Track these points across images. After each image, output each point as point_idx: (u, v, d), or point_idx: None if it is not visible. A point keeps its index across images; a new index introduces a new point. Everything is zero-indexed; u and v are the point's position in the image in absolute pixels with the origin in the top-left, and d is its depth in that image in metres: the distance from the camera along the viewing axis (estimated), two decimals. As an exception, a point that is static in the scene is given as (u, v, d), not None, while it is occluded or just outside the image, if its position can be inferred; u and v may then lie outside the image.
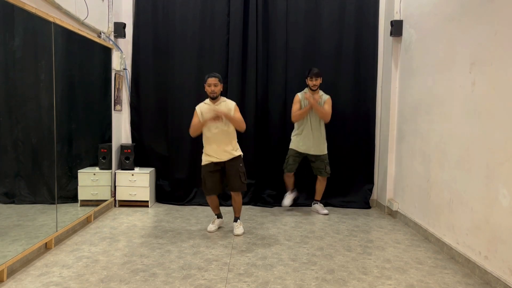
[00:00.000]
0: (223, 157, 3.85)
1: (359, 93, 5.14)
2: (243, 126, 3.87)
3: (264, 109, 5.16)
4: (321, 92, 4.70)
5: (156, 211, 4.79)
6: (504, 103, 2.77)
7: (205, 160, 3.90)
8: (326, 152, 4.77)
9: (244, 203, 5.14)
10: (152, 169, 5.06)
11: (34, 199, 3.28)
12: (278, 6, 5.06)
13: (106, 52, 4.58)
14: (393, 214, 4.72)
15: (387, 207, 4.84)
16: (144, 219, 4.41)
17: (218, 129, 3.81)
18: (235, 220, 4.07)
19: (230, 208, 4.98)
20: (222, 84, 3.88)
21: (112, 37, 4.78)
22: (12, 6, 2.85)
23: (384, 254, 3.47)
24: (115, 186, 4.86)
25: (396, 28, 4.61)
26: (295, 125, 4.78)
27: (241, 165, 3.92)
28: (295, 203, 5.14)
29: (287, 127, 5.13)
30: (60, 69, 3.52)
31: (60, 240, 3.65)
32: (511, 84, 2.71)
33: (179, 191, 5.16)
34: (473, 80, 3.14)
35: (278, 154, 5.12)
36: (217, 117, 3.70)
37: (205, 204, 5.06)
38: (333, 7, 5.06)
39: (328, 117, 4.62)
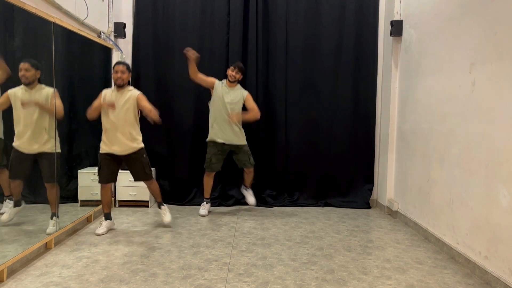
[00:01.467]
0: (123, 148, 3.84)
1: (359, 93, 5.14)
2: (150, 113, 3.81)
3: (264, 108, 5.16)
4: (238, 86, 4.58)
5: (156, 211, 4.79)
6: (504, 103, 2.77)
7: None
8: (246, 143, 4.63)
9: (244, 203, 5.14)
10: (152, 169, 5.05)
11: (34, 199, 3.28)
12: (278, 5, 5.06)
13: (106, 52, 4.58)
14: (393, 214, 4.72)
15: (387, 207, 4.84)
16: (144, 219, 4.41)
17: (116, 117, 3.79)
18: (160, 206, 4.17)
19: (231, 208, 4.98)
20: (130, 73, 3.87)
21: (112, 37, 4.78)
22: (12, 6, 2.85)
23: (384, 254, 3.47)
24: (115, 186, 4.86)
25: (396, 28, 4.61)
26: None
27: (144, 156, 3.95)
28: (295, 203, 5.14)
29: (288, 126, 5.14)
30: (60, 69, 3.52)
31: (60, 240, 3.65)
32: (511, 84, 2.71)
33: (179, 191, 5.16)
34: (473, 80, 3.14)
35: (279, 154, 5.12)
36: (111, 105, 3.72)
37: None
38: (333, 6, 5.06)
39: (258, 115, 4.55)
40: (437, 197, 3.70)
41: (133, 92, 3.85)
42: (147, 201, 4.93)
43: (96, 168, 4.48)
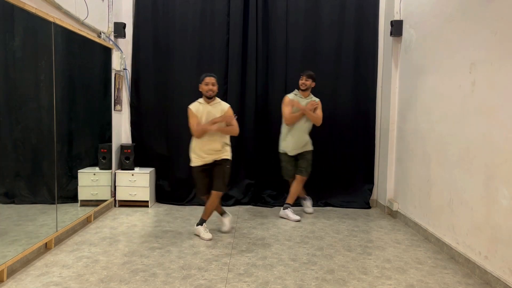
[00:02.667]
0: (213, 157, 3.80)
1: (359, 93, 5.14)
2: (236, 131, 3.83)
3: (264, 108, 5.16)
4: (311, 95, 4.56)
5: (156, 211, 4.79)
6: (504, 103, 2.77)
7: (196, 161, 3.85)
8: (312, 148, 4.61)
9: (244, 203, 5.15)
10: (152, 169, 5.06)
11: (34, 199, 3.28)
12: (278, 5, 5.06)
13: (106, 52, 4.58)
14: (393, 214, 4.72)
15: (387, 207, 4.84)
16: (144, 219, 4.41)
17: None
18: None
19: (231, 208, 4.98)
20: (217, 85, 3.80)
21: (112, 37, 4.78)
22: (12, 6, 2.85)
23: (384, 254, 3.47)
24: (115, 186, 4.86)
25: (396, 28, 4.61)
26: (284, 129, 4.58)
27: (227, 166, 3.87)
28: (295, 203, 5.13)
29: (287, 127, 5.14)
30: (60, 69, 3.52)
31: (60, 240, 3.65)
32: (511, 84, 2.71)
33: (179, 191, 5.16)
34: (473, 80, 3.14)
35: (278, 154, 5.11)
36: (227, 118, 3.71)
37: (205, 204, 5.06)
38: (333, 7, 5.06)
39: (320, 122, 4.50)
40: (437, 197, 3.70)
41: (223, 105, 3.82)
42: (147, 201, 4.94)
43: (97, 168, 4.48)
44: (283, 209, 4.59)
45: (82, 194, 4.07)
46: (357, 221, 4.50)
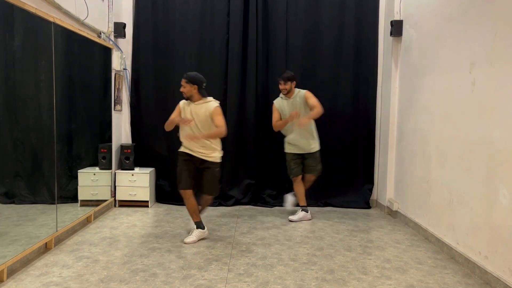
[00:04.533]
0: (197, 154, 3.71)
1: (359, 93, 5.14)
2: (219, 136, 3.69)
3: (264, 108, 5.15)
4: (296, 90, 4.44)
5: (156, 211, 4.79)
6: (504, 103, 2.77)
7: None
8: (318, 148, 4.55)
9: (244, 203, 5.15)
10: (152, 169, 5.06)
11: (34, 199, 3.28)
12: (278, 5, 5.06)
13: (106, 52, 4.58)
14: (393, 214, 4.72)
15: (387, 207, 4.84)
16: (144, 219, 4.41)
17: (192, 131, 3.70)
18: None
19: (231, 208, 4.98)
20: (194, 85, 3.65)
21: (112, 37, 4.78)
22: (12, 6, 2.85)
23: (384, 254, 3.47)
24: (115, 186, 4.86)
25: (396, 28, 4.61)
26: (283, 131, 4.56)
27: (217, 169, 3.78)
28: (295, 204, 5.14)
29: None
30: (60, 69, 3.52)
31: (60, 240, 3.65)
32: (511, 84, 2.71)
33: (179, 191, 5.14)
34: (473, 80, 3.14)
35: (278, 154, 5.11)
36: (186, 121, 3.61)
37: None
38: (333, 6, 5.06)
39: (320, 113, 4.28)
40: (437, 197, 3.69)
41: (209, 106, 3.69)
42: (147, 201, 4.94)
43: (97, 168, 4.48)
44: (301, 210, 4.53)
45: (82, 194, 4.07)
46: (357, 221, 4.50)
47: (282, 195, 5.14)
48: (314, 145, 4.52)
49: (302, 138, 4.45)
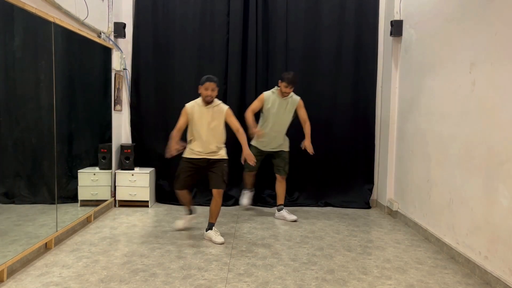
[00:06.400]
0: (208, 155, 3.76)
1: (359, 93, 5.14)
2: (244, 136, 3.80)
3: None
4: (291, 94, 4.42)
5: (156, 211, 4.79)
6: (504, 103, 2.77)
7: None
8: (287, 149, 4.55)
9: (244, 203, 5.14)
10: (152, 169, 5.05)
11: (34, 199, 3.28)
12: (278, 5, 5.06)
13: (106, 52, 4.58)
14: (393, 214, 4.72)
15: (387, 207, 4.84)
16: (144, 219, 4.41)
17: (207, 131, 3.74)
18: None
19: (231, 208, 4.98)
20: (217, 87, 3.70)
21: (112, 37, 4.78)
22: (12, 6, 2.85)
23: (384, 254, 3.47)
24: (115, 186, 4.86)
25: (396, 28, 4.61)
26: (260, 123, 4.51)
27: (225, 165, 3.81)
28: (295, 203, 5.14)
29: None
30: (60, 69, 3.52)
31: (60, 240, 3.65)
32: (511, 84, 2.71)
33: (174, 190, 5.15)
34: (473, 80, 3.14)
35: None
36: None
37: (204, 204, 5.06)
38: (333, 7, 5.06)
39: (308, 124, 4.46)
40: (437, 197, 3.70)
41: (221, 108, 3.76)
42: (147, 201, 4.93)
43: (97, 168, 4.48)
44: (278, 211, 4.57)
45: (82, 194, 4.07)
46: (357, 221, 4.50)
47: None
48: (286, 144, 4.55)
49: (275, 139, 4.47)
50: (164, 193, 5.17)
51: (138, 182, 4.85)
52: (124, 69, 5.01)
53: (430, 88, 3.88)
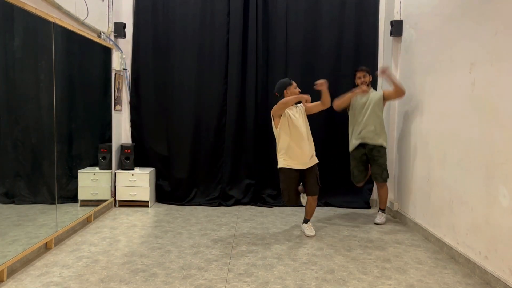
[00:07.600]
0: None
1: (359, 93, 5.13)
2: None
3: (264, 108, 5.16)
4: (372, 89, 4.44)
5: (156, 211, 4.79)
6: (504, 103, 2.77)
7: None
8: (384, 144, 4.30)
9: (244, 203, 5.15)
10: (152, 169, 5.06)
11: (34, 199, 3.28)
12: (278, 5, 5.06)
13: (106, 52, 4.58)
14: (393, 214, 4.72)
15: (387, 207, 4.84)
16: (144, 219, 4.41)
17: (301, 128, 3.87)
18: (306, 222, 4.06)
19: (231, 208, 4.98)
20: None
21: (112, 37, 4.78)
22: (12, 6, 2.85)
23: (384, 254, 3.47)
24: (115, 186, 4.86)
25: (396, 28, 4.61)
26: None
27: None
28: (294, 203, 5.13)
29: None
30: (60, 69, 3.52)
31: (60, 240, 3.65)
32: (511, 84, 2.71)
33: (179, 191, 5.16)
34: (473, 80, 3.14)
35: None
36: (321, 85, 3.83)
37: (204, 204, 5.06)
38: (333, 6, 5.06)
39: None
40: (437, 197, 3.69)
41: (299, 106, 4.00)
42: (147, 201, 4.94)
43: (97, 168, 4.48)
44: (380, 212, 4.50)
45: (82, 194, 4.07)
46: (357, 221, 4.50)
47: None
48: (382, 138, 4.31)
49: (370, 126, 4.29)
50: (164, 193, 5.18)
51: (138, 182, 4.85)
52: (124, 69, 5.01)
53: (430, 88, 3.88)
